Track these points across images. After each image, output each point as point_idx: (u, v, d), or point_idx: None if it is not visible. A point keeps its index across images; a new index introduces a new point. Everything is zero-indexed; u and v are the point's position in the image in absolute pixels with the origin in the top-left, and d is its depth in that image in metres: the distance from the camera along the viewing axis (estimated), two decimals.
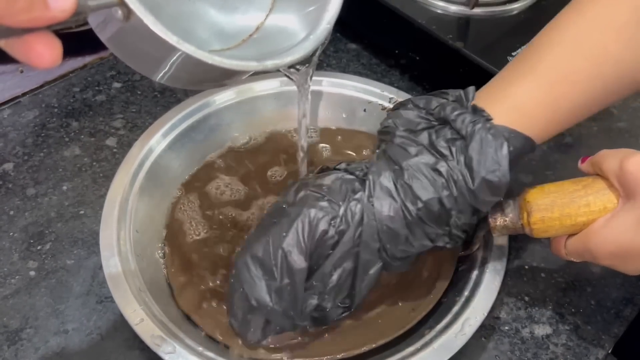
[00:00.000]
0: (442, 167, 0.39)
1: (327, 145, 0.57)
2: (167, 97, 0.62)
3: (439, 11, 0.62)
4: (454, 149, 0.39)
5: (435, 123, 0.41)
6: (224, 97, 0.56)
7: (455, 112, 0.40)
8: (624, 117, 0.63)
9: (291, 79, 0.44)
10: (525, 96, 0.40)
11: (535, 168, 0.58)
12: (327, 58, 0.67)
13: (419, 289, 0.47)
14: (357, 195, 0.40)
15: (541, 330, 0.47)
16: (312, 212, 0.39)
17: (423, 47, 0.62)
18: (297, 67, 0.42)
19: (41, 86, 0.63)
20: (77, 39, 0.64)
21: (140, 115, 0.61)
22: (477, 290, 0.44)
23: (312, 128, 0.58)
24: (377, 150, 0.44)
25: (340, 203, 0.40)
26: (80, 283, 0.48)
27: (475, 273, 0.46)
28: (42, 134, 0.59)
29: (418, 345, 0.41)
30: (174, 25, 0.29)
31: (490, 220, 0.43)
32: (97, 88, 0.63)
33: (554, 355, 0.45)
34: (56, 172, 0.56)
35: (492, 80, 0.42)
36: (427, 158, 0.39)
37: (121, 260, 0.44)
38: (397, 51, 0.66)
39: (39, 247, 0.50)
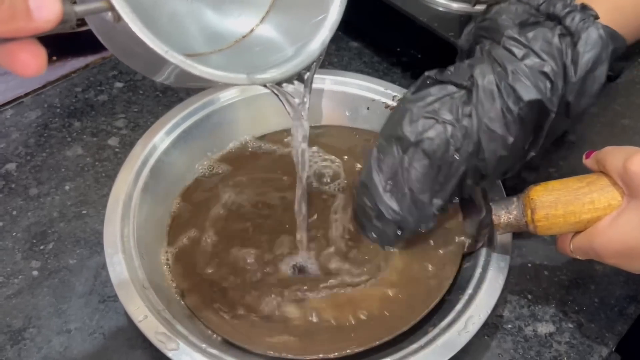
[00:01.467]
0: (548, 68, 0.41)
1: (329, 145, 0.57)
2: (169, 97, 0.62)
3: (440, 9, 0.62)
4: (564, 44, 0.41)
5: (542, 18, 0.43)
6: (226, 95, 0.56)
7: (566, 9, 0.42)
8: (628, 113, 0.63)
9: (280, 99, 0.41)
10: None
11: (539, 166, 0.58)
12: (329, 56, 0.67)
13: (423, 286, 0.47)
14: (468, 110, 0.42)
15: (544, 328, 0.47)
16: (428, 143, 0.42)
17: (425, 45, 0.62)
18: (289, 84, 0.40)
19: (43, 86, 0.63)
20: (78, 39, 0.64)
21: (143, 114, 0.61)
22: (480, 288, 0.44)
23: (317, 125, 0.58)
24: (477, 47, 0.45)
25: (453, 122, 0.42)
26: (82, 283, 0.48)
27: (478, 271, 0.45)
28: (45, 134, 0.59)
29: (421, 342, 0.41)
30: (169, 23, 0.29)
31: (494, 217, 0.43)
32: (99, 88, 0.63)
33: (557, 353, 0.45)
34: (59, 172, 0.56)
35: None
36: (534, 61, 0.41)
37: (125, 258, 0.44)
38: (398, 49, 0.66)
39: (41, 247, 0.50)
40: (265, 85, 0.37)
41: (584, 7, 0.42)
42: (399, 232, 0.46)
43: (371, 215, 0.46)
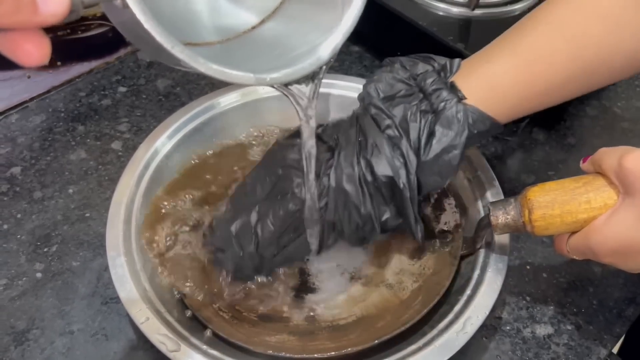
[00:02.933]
0: (404, 146, 0.41)
1: None
2: (171, 101, 0.63)
3: (440, 13, 0.62)
4: (423, 122, 0.41)
5: (416, 90, 0.42)
6: (228, 99, 0.56)
7: (434, 86, 0.42)
8: (627, 116, 0.63)
9: (289, 98, 0.40)
10: (501, 74, 0.41)
11: (538, 168, 0.58)
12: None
13: (421, 288, 0.47)
14: (327, 170, 0.42)
15: (543, 330, 0.47)
16: (286, 191, 0.43)
17: (425, 49, 0.61)
18: (298, 85, 0.40)
19: (48, 91, 0.64)
20: (82, 44, 0.65)
21: (145, 118, 0.61)
22: (478, 289, 0.44)
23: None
24: (352, 112, 0.45)
25: (313, 178, 0.42)
26: (85, 285, 0.49)
27: (477, 272, 0.46)
28: (49, 138, 0.59)
29: (420, 343, 0.42)
30: (176, 6, 0.29)
31: (492, 218, 0.43)
32: (102, 92, 0.64)
33: (556, 355, 0.45)
34: (62, 176, 0.56)
35: (475, 54, 0.43)
36: (393, 133, 0.41)
37: (127, 261, 0.44)
38: (399, 53, 0.66)
39: (45, 250, 0.51)
40: (272, 86, 0.37)
41: (452, 86, 0.41)
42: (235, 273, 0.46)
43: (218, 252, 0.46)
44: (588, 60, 0.40)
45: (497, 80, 0.41)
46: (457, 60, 0.43)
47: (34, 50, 0.24)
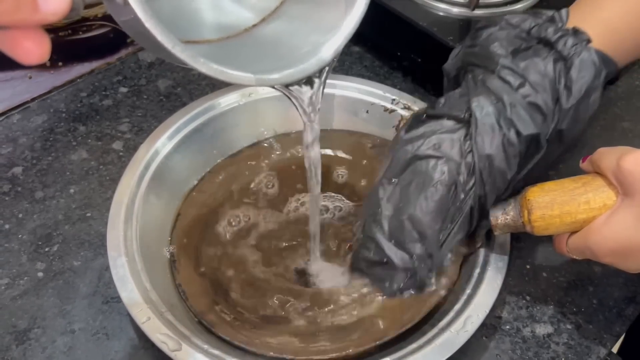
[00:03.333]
0: (541, 101, 0.41)
1: (330, 148, 0.57)
2: (172, 101, 0.63)
3: (440, 13, 0.63)
4: (557, 70, 0.41)
5: (534, 42, 0.42)
6: (228, 100, 0.56)
7: (558, 34, 0.42)
8: (628, 116, 0.63)
9: (290, 99, 0.40)
10: (617, 20, 0.42)
11: (531, 175, 0.58)
12: None
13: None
14: (468, 146, 0.41)
15: (542, 329, 0.47)
16: (435, 183, 0.42)
17: (425, 49, 0.62)
18: (300, 87, 0.39)
19: (49, 91, 0.64)
20: (84, 45, 0.65)
21: (146, 119, 0.61)
22: (479, 288, 0.44)
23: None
24: (469, 76, 0.44)
25: (458, 159, 0.41)
26: (86, 284, 0.49)
27: (477, 271, 0.46)
28: (50, 138, 0.60)
29: (420, 342, 0.42)
30: (183, 6, 0.28)
31: (491, 218, 0.43)
32: (103, 93, 0.64)
33: (556, 354, 0.45)
34: (64, 176, 0.56)
35: (580, 2, 0.44)
36: (528, 91, 0.41)
37: (128, 260, 0.44)
38: (399, 53, 0.66)
39: (46, 249, 0.51)
40: (274, 87, 0.37)
41: (576, 32, 0.42)
42: (407, 280, 0.45)
43: (375, 265, 0.45)
44: None
45: (615, 26, 0.42)
46: (564, 10, 0.44)
47: (34, 48, 0.24)
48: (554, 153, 0.44)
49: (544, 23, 0.43)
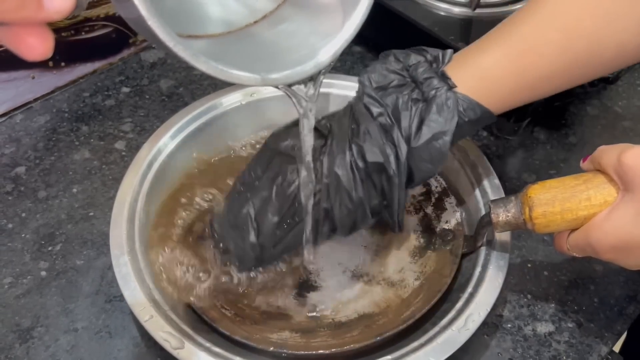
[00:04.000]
0: (395, 133, 0.42)
1: None
2: (174, 101, 0.63)
3: (442, 13, 0.63)
4: (414, 110, 0.42)
5: (408, 80, 0.43)
6: (230, 100, 0.56)
7: (425, 75, 0.42)
8: (629, 115, 0.64)
9: (293, 102, 0.40)
10: (492, 64, 0.42)
11: (539, 167, 0.59)
12: None
13: (422, 285, 0.47)
14: (323, 155, 0.42)
15: (544, 327, 0.47)
16: (283, 179, 0.43)
17: None
18: (297, 85, 0.39)
19: (52, 92, 0.64)
20: (86, 45, 0.66)
21: (149, 118, 0.62)
22: (480, 287, 0.44)
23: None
24: (348, 103, 0.45)
25: (309, 165, 0.42)
26: (89, 283, 0.49)
27: (478, 270, 0.46)
28: (53, 138, 0.60)
29: (422, 340, 0.42)
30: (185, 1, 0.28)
31: (492, 216, 0.43)
32: (106, 93, 0.64)
33: (557, 352, 0.46)
34: (66, 175, 0.57)
35: (469, 46, 0.44)
36: (385, 121, 0.42)
37: (131, 259, 0.45)
38: None
39: (49, 248, 0.51)
40: (277, 86, 0.37)
41: (443, 75, 0.42)
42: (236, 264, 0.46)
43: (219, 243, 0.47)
44: (580, 52, 0.41)
45: (488, 71, 0.42)
46: (449, 51, 0.44)
47: (38, 44, 0.24)
48: (405, 192, 0.44)
49: (422, 62, 0.43)
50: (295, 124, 0.45)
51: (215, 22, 0.37)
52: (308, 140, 0.42)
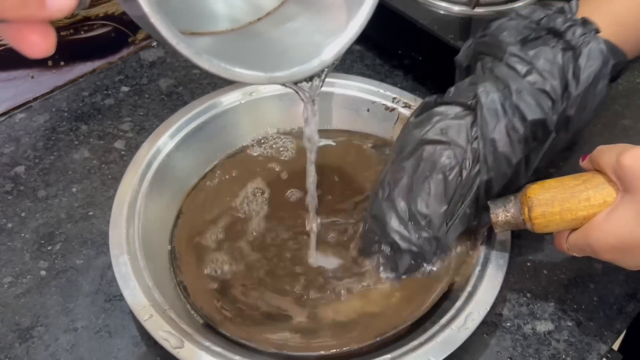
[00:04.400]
0: (549, 87, 0.41)
1: (333, 145, 0.57)
2: (174, 100, 0.63)
3: (441, 12, 0.63)
4: (565, 59, 0.42)
5: (543, 32, 0.43)
6: (230, 99, 0.56)
7: (567, 24, 0.42)
8: (629, 114, 0.63)
9: (297, 92, 0.41)
10: (626, 11, 0.43)
11: (538, 166, 0.58)
12: None
13: (422, 285, 0.47)
14: (475, 132, 0.42)
15: (543, 326, 0.47)
16: (441, 168, 0.42)
17: (426, 48, 0.62)
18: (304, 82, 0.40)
19: (52, 91, 0.64)
20: (86, 44, 0.65)
21: (148, 118, 0.62)
22: (479, 285, 0.45)
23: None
24: (478, 65, 0.45)
25: (464, 145, 0.42)
26: (89, 282, 0.49)
27: (478, 269, 0.46)
28: (53, 138, 0.60)
29: (421, 339, 0.42)
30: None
31: (492, 215, 0.43)
32: (105, 92, 0.64)
33: (556, 351, 0.46)
34: (66, 175, 0.57)
35: None
36: (536, 78, 0.41)
37: (130, 259, 0.45)
38: (400, 52, 0.66)
39: (49, 248, 0.51)
40: (284, 84, 0.37)
41: (585, 22, 0.42)
42: (412, 262, 0.46)
43: (382, 247, 0.46)
44: None
45: (623, 17, 0.43)
46: (573, 1, 0.44)
47: (40, 41, 0.24)
48: (561, 141, 0.45)
49: (553, 14, 0.43)
50: (428, 107, 0.45)
51: (219, 19, 0.37)
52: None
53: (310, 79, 0.38)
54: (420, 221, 0.43)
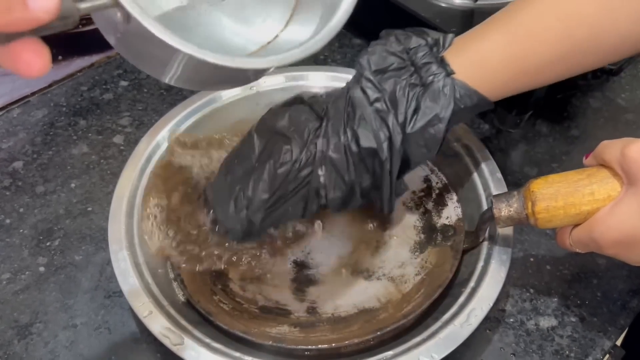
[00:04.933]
0: (391, 119, 0.41)
1: None
2: (173, 95, 0.63)
3: (443, 5, 0.62)
4: (411, 95, 0.42)
5: (408, 63, 0.43)
6: (229, 93, 0.56)
7: (424, 60, 0.42)
8: (631, 108, 0.63)
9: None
10: (491, 51, 0.41)
11: (541, 161, 0.58)
12: (332, 53, 0.68)
13: (424, 281, 0.47)
14: (315, 138, 0.42)
15: (546, 322, 0.47)
16: (276, 159, 0.42)
17: None
18: None
19: (50, 85, 0.64)
20: (84, 38, 0.65)
21: (147, 112, 0.61)
22: (482, 281, 0.44)
23: None
24: (345, 84, 0.45)
25: (301, 146, 0.42)
26: (88, 278, 0.49)
27: (480, 264, 0.46)
28: (51, 133, 0.59)
29: (424, 335, 0.42)
30: (188, 36, 0.28)
31: (495, 211, 0.43)
32: (104, 87, 0.64)
33: (559, 347, 0.45)
34: (64, 170, 0.56)
35: (469, 31, 0.44)
36: (381, 107, 0.42)
37: (129, 254, 0.44)
38: None
39: (48, 244, 0.51)
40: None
41: (442, 61, 0.42)
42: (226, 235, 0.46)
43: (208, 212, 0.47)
44: (580, 40, 0.40)
45: (487, 57, 0.41)
46: (450, 35, 0.43)
47: (35, 60, 0.24)
48: (402, 174, 0.45)
49: (422, 46, 0.43)
50: (292, 102, 0.45)
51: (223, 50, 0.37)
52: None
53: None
54: (243, 200, 0.44)
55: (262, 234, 0.47)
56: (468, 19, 0.61)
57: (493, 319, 0.47)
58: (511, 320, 0.47)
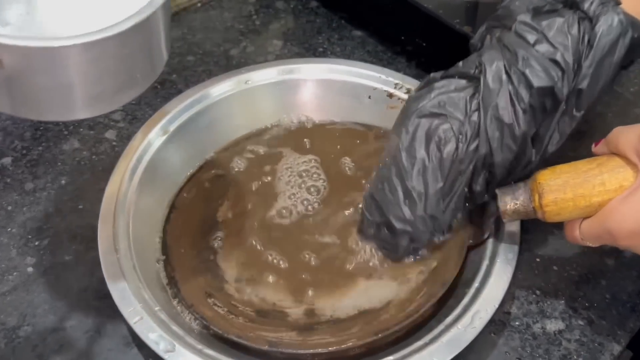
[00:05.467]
0: (560, 56, 0.40)
1: (336, 130, 0.56)
2: (167, 89, 0.61)
3: None
4: (581, 29, 0.40)
5: (560, 6, 0.41)
6: (222, 89, 0.55)
7: None
8: None
9: None
10: None
11: (548, 157, 0.57)
12: (332, 46, 0.66)
13: (426, 281, 0.46)
14: (475, 103, 0.40)
15: (553, 325, 0.45)
16: (436, 142, 0.41)
17: (430, 33, 0.60)
18: None
19: None
20: None
21: (140, 107, 0.60)
22: (487, 281, 0.43)
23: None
24: (488, 37, 0.44)
25: (461, 118, 0.40)
26: (78, 279, 0.47)
27: (485, 263, 0.45)
28: (41, 128, 0.58)
29: (426, 339, 0.41)
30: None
31: (500, 204, 0.42)
32: None
33: (567, 351, 0.44)
34: (55, 166, 0.55)
35: None
36: (546, 48, 0.40)
37: (119, 257, 0.43)
38: (403, 37, 0.64)
39: (37, 243, 0.50)
40: None
41: None
42: (409, 244, 0.45)
43: (380, 228, 0.45)
44: None
45: None
46: None
47: None
48: (573, 120, 0.43)
49: None
50: (428, 82, 0.43)
51: None
52: None
53: None
54: (416, 199, 0.42)
55: (448, 227, 0.45)
56: (472, 11, 0.60)
57: (498, 322, 0.45)
58: (517, 323, 0.45)
